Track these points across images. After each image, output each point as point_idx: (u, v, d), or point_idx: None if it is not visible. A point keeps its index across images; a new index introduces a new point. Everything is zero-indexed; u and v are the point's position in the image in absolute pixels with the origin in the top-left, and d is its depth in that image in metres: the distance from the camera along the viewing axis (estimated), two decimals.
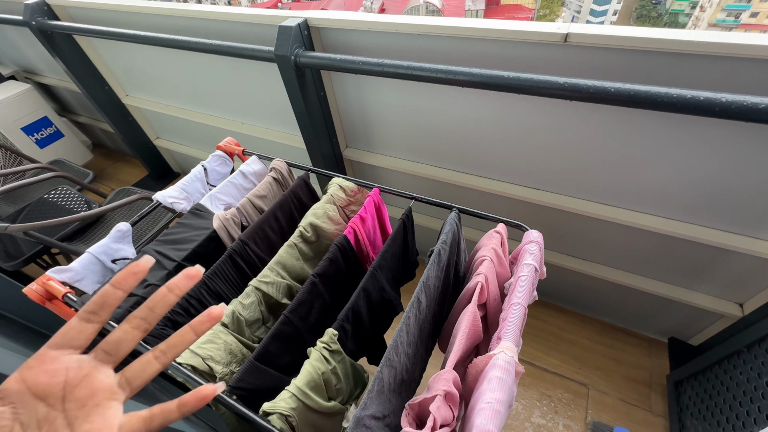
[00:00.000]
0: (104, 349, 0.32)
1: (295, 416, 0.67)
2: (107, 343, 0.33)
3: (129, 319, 0.33)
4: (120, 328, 0.33)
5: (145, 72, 2.25)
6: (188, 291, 0.36)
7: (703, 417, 1.31)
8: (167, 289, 0.34)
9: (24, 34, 2.52)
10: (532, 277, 0.81)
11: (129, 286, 0.34)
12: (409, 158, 1.72)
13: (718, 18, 25.52)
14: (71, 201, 1.95)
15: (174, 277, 0.35)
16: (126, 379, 0.33)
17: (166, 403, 0.34)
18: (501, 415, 0.59)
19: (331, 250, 0.93)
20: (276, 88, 1.70)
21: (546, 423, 1.57)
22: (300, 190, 1.16)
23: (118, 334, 0.33)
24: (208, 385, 0.35)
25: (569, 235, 1.60)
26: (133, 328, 0.33)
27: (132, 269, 0.34)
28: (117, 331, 0.33)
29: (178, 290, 0.35)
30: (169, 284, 0.35)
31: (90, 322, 0.32)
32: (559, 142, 1.30)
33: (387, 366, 0.72)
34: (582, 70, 1.09)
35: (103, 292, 0.33)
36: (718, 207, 1.21)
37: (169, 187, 1.19)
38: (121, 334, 0.33)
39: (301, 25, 1.32)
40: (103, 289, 0.33)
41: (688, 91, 0.87)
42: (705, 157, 1.12)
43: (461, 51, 1.22)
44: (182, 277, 0.35)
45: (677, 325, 1.69)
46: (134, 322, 0.33)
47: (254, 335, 0.90)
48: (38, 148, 2.87)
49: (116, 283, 0.33)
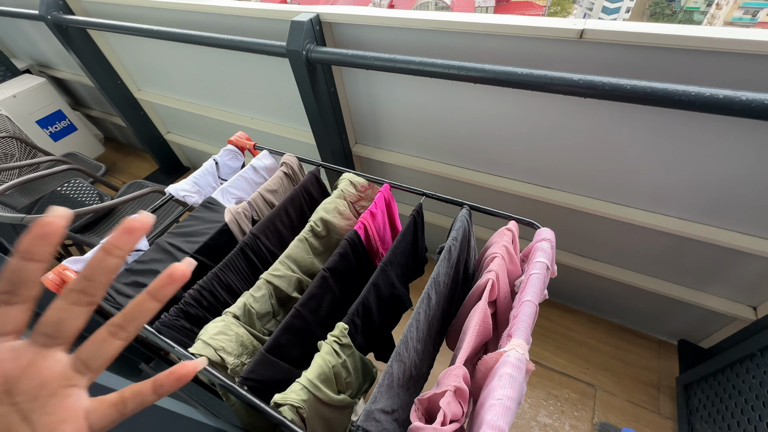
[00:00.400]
0: (42, 332, 0.27)
1: (306, 408, 0.68)
2: (43, 324, 0.27)
3: (64, 294, 0.28)
4: (54, 306, 0.28)
5: (156, 67, 2.28)
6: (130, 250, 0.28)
7: (714, 420, 1.30)
8: (103, 251, 0.28)
9: (39, 28, 2.56)
10: (543, 275, 0.80)
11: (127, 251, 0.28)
12: (418, 155, 1.72)
13: (735, 16, 24.93)
14: (84, 193, 1.98)
15: (112, 234, 0.28)
16: (82, 362, 0.28)
17: (139, 384, 0.30)
18: (511, 412, 0.59)
19: (341, 245, 0.94)
20: (287, 83, 1.71)
21: (552, 423, 1.56)
22: (311, 185, 1.16)
23: (54, 314, 0.27)
24: (187, 363, 0.31)
25: (580, 235, 1.58)
26: (71, 303, 0.27)
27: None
28: (51, 310, 0.28)
29: (118, 251, 0.28)
30: (105, 245, 0.28)
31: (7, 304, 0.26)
32: (572, 141, 1.28)
33: (397, 361, 0.72)
34: (597, 67, 1.08)
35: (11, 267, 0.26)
36: (734, 208, 1.19)
37: (181, 181, 1.20)
38: (57, 312, 0.27)
39: (313, 20, 1.32)
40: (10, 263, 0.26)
41: (707, 88, 0.86)
42: (722, 157, 1.09)
43: (474, 47, 1.21)
44: (120, 232, 0.28)
45: (688, 327, 1.67)
46: (71, 297, 0.28)
47: (265, 328, 0.91)
48: (52, 141, 2.92)
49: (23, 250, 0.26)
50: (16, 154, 2.30)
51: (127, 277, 0.91)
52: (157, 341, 0.80)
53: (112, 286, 0.88)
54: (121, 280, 0.90)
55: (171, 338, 0.81)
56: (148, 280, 0.90)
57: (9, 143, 2.26)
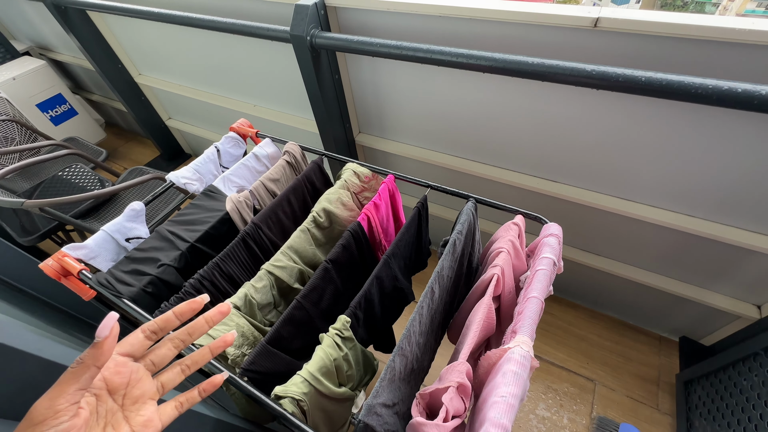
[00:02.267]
0: (153, 360, 0.42)
1: (307, 401, 0.67)
2: (157, 356, 0.42)
3: (173, 340, 0.43)
4: (166, 346, 0.43)
5: (158, 51, 2.23)
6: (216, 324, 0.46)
7: (713, 417, 1.30)
8: (205, 321, 0.44)
9: (39, 9, 2.51)
10: (550, 271, 0.79)
11: (186, 318, 0.43)
12: (423, 146, 1.69)
13: (748, 8, 24.34)
14: (85, 179, 1.97)
15: (210, 312, 0.45)
16: (161, 384, 0.43)
17: (190, 391, 0.45)
18: (514, 410, 0.59)
19: (344, 237, 0.92)
20: (290, 69, 1.67)
21: (551, 416, 1.57)
22: (313, 174, 1.14)
23: (165, 351, 0.43)
24: (218, 375, 0.47)
25: (586, 230, 1.56)
26: (175, 347, 0.43)
27: (192, 305, 0.43)
28: (164, 348, 0.43)
29: (212, 322, 0.45)
30: (206, 317, 0.45)
31: (150, 340, 0.42)
32: (583, 133, 1.25)
33: (399, 355, 0.71)
34: (611, 57, 1.04)
35: (166, 318, 0.42)
36: (744, 205, 1.16)
37: (182, 168, 1.18)
38: (166, 351, 0.43)
39: (318, 4, 1.28)
40: (166, 316, 0.42)
41: (725, 81, 0.83)
42: (735, 153, 1.07)
43: (484, 35, 1.17)
44: (216, 312, 0.45)
45: (690, 324, 1.66)
46: (176, 343, 0.43)
47: (266, 318, 0.90)
48: (53, 125, 2.89)
49: (178, 314, 0.43)
50: (16, 137, 2.27)
51: (126, 265, 0.90)
52: None
53: (112, 273, 0.87)
54: (120, 267, 0.89)
55: None
56: (148, 267, 0.89)
57: (9, 126, 2.24)
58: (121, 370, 0.39)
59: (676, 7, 8.82)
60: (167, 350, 0.43)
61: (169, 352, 0.43)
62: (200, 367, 0.45)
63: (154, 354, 0.42)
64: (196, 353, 0.45)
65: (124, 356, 0.39)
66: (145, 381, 0.41)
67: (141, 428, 0.39)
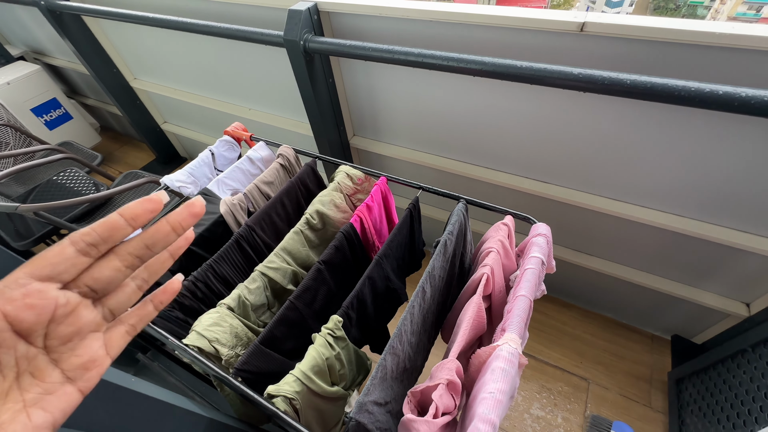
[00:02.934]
0: (91, 286, 0.29)
1: (299, 399, 0.68)
2: (96, 281, 0.29)
3: (122, 255, 0.30)
4: (111, 265, 0.29)
5: (153, 55, 2.24)
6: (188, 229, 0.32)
7: (704, 414, 1.31)
8: (170, 226, 0.30)
9: (33, 13, 2.52)
10: (538, 270, 0.80)
11: (141, 222, 0.29)
12: (416, 148, 1.71)
13: (738, 11, 24.70)
14: (80, 183, 1.97)
15: (176, 212, 0.31)
16: (110, 311, 0.31)
17: (140, 308, 0.34)
18: (503, 405, 0.60)
19: (337, 238, 0.93)
20: (284, 73, 1.69)
21: (545, 415, 1.58)
22: (307, 177, 1.16)
23: (109, 273, 0.29)
24: (174, 279, 0.35)
25: (576, 230, 1.58)
26: (126, 266, 0.30)
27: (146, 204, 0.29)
28: (107, 268, 0.29)
29: (181, 229, 0.31)
30: (171, 220, 0.30)
31: (86, 256, 0.28)
32: (571, 135, 1.28)
33: (390, 354, 0.72)
34: (597, 60, 1.06)
35: (111, 223, 0.28)
36: (730, 205, 1.19)
37: (177, 171, 1.19)
38: (112, 272, 0.29)
39: (311, 9, 1.30)
40: (110, 219, 0.28)
41: (707, 84, 0.85)
42: (721, 154, 1.09)
43: (474, 39, 1.20)
44: (186, 213, 0.31)
45: (681, 322, 1.68)
46: (128, 260, 0.30)
47: (259, 320, 0.91)
48: (47, 129, 2.89)
49: (129, 216, 0.28)
50: (11, 142, 2.27)
51: None
52: (151, 332, 0.80)
53: None
54: None
55: (165, 329, 0.81)
56: None
57: (4, 131, 2.23)
58: (35, 302, 0.26)
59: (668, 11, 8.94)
60: (113, 270, 0.29)
61: (117, 273, 0.30)
62: (160, 275, 0.33)
63: (93, 275, 0.29)
64: (152, 260, 0.32)
65: (42, 281, 0.27)
66: (81, 312, 0.29)
67: (79, 372, 0.29)
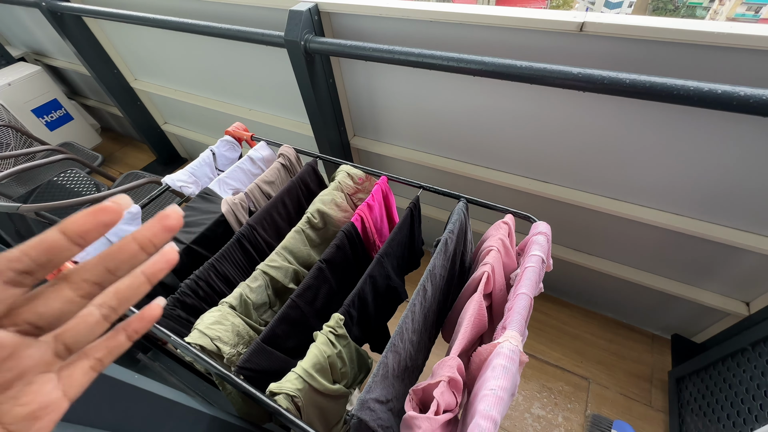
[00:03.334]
0: (34, 323, 0.23)
1: (301, 397, 0.68)
2: (41, 316, 0.23)
3: (75, 282, 0.23)
4: (61, 295, 0.23)
5: (153, 56, 2.25)
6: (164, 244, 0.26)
7: (704, 413, 1.32)
8: (138, 244, 0.24)
9: (34, 15, 2.52)
10: (539, 268, 0.81)
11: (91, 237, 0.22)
12: (416, 148, 1.71)
13: (737, 12, 24.75)
14: (80, 183, 1.97)
15: (146, 226, 0.24)
16: (65, 346, 0.24)
17: (111, 336, 0.27)
18: (504, 402, 0.60)
19: (338, 237, 0.94)
20: (285, 74, 1.69)
21: (546, 414, 1.58)
22: (308, 176, 1.16)
23: (58, 306, 0.23)
24: (152, 304, 0.28)
25: (576, 230, 1.59)
26: (82, 296, 0.23)
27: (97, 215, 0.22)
28: (55, 300, 0.23)
29: (152, 247, 0.25)
30: (139, 236, 0.24)
31: (19, 286, 0.22)
32: (570, 135, 1.28)
33: (392, 351, 0.72)
34: (597, 60, 1.07)
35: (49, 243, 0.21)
36: (729, 204, 1.19)
37: (178, 171, 1.20)
38: (62, 305, 0.23)
39: (312, 9, 1.31)
40: (49, 237, 0.21)
41: (706, 83, 0.85)
42: (720, 153, 1.10)
43: (474, 39, 1.20)
44: (159, 228, 0.24)
45: (681, 322, 1.69)
46: (84, 289, 0.23)
47: (261, 318, 0.91)
48: (48, 130, 2.89)
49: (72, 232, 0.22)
50: (11, 143, 2.28)
51: None
52: (153, 331, 0.80)
53: None
54: None
55: (167, 328, 0.82)
56: None
57: (4, 132, 2.24)
58: None
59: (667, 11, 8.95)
60: (63, 302, 0.23)
61: (69, 305, 0.23)
62: (132, 304, 0.26)
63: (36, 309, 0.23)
64: (122, 280, 0.25)
65: None
66: (22, 353, 0.22)
67: (25, 424, 0.22)
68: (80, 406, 0.28)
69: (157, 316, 0.28)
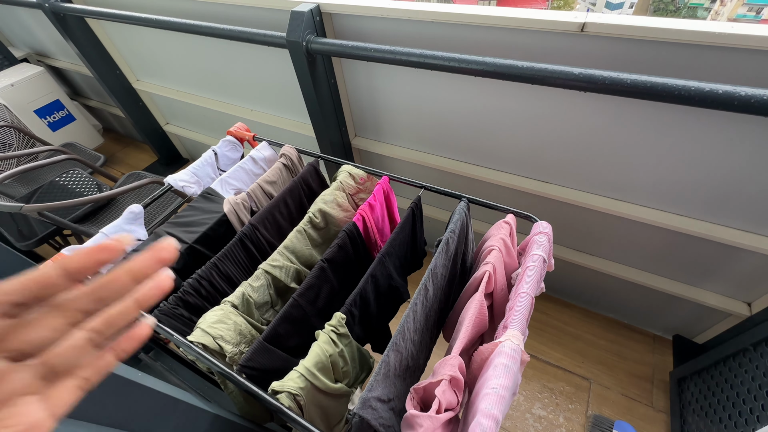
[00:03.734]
0: (22, 350, 0.23)
1: (303, 395, 0.69)
2: (29, 344, 0.23)
3: (68, 311, 0.24)
4: (51, 324, 0.23)
5: (156, 57, 2.26)
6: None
7: (705, 413, 1.31)
8: (131, 277, 0.25)
9: (37, 16, 2.53)
10: (540, 267, 0.81)
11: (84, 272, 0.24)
12: (418, 148, 1.72)
13: (739, 13, 24.73)
14: (83, 184, 1.98)
15: (140, 258, 0.25)
16: (51, 370, 0.24)
17: (98, 357, 0.26)
18: (505, 401, 0.60)
19: (339, 236, 0.94)
20: (286, 74, 1.70)
21: (547, 415, 1.58)
22: (310, 176, 1.16)
23: (46, 334, 0.23)
24: (144, 322, 0.29)
25: (578, 230, 1.59)
26: (70, 324, 0.24)
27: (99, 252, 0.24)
28: (44, 328, 0.23)
29: (145, 279, 0.26)
30: (133, 269, 0.25)
31: (11, 318, 0.22)
32: (571, 135, 1.28)
33: (393, 350, 0.73)
34: (598, 61, 1.07)
35: (44, 280, 0.22)
36: (731, 204, 1.19)
37: (180, 171, 1.20)
38: (50, 333, 0.23)
39: (314, 10, 1.31)
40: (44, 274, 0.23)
41: (707, 84, 0.86)
42: (721, 153, 1.10)
43: (475, 40, 1.20)
44: (152, 260, 0.25)
45: (683, 322, 1.68)
46: (74, 317, 0.24)
47: (263, 317, 0.91)
48: (51, 131, 2.90)
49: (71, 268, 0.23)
50: (14, 143, 2.29)
51: None
52: (156, 330, 0.80)
53: None
54: None
55: (170, 327, 0.82)
56: None
57: (7, 132, 2.25)
58: None
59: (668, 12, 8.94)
60: (51, 331, 0.23)
61: (56, 333, 0.24)
62: (119, 328, 0.26)
63: (25, 338, 0.23)
64: (112, 306, 0.26)
65: None
66: (7, 379, 0.23)
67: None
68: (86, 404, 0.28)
69: (147, 336, 0.28)
